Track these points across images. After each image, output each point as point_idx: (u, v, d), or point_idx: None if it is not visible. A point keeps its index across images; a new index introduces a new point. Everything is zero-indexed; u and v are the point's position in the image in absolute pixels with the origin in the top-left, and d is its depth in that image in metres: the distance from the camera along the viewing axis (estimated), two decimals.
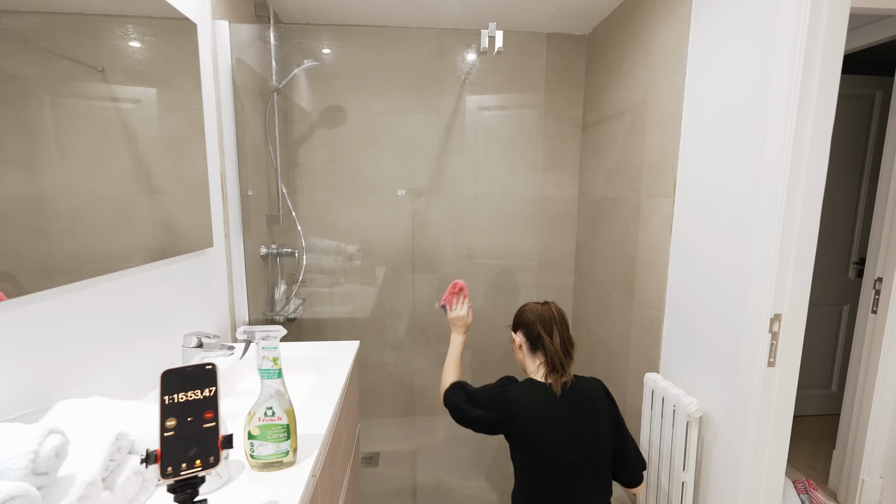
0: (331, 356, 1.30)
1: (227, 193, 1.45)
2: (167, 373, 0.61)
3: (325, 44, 2.19)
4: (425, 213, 2.32)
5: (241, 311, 1.55)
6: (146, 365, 1.03)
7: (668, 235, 1.58)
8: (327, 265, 2.23)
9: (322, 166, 2.24)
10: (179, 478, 0.57)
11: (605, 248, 2.11)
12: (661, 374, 1.61)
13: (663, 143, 1.61)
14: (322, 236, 2.24)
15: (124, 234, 0.95)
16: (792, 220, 1.12)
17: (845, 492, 1.87)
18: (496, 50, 1.63)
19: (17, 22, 0.70)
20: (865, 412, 1.77)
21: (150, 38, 1.03)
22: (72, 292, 0.82)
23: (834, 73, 1.07)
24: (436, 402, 2.49)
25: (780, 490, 1.28)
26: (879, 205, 1.77)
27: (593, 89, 2.25)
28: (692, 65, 1.45)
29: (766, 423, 1.22)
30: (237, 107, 1.52)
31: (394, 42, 2.20)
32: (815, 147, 1.09)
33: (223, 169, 1.42)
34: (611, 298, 2.06)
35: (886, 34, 1.72)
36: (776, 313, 1.16)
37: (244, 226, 1.58)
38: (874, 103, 2.31)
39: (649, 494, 1.58)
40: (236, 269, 1.52)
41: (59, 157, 0.78)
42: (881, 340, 1.70)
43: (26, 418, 0.68)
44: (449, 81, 2.22)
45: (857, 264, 2.39)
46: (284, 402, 0.77)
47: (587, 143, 2.34)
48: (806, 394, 2.47)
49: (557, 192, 2.45)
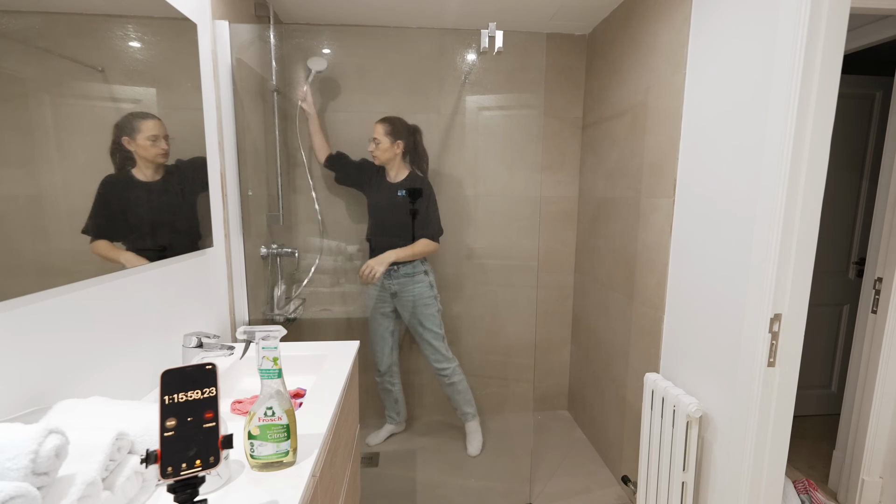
0: (331, 356, 1.30)
1: (227, 193, 1.45)
2: (167, 373, 0.61)
3: (325, 44, 2.19)
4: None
5: (241, 311, 1.55)
6: (146, 365, 1.03)
7: (668, 235, 1.58)
8: (327, 265, 2.23)
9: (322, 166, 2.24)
10: (179, 478, 0.57)
11: (605, 248, 2.11)
12: (661, 374, 1.61)
13: (663, 143, 1.61)
14: (322, 236, 2.24)
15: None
16: (792, 220, 1.12)
17: (845, 492, 1.87)
18: (496, 50, 1.63)
19: (17, 22, 0.70)
20: (865, 412, 1.77)
21: (150, 38, 1.03)
22: (72, 292, 0.82)
23: (834, 73, 1.07)
24: (436, 402, 2.50)
25: (780, 490, 1.28)
26: (879, 205, 1.77)
27: (593, 89, 2.25)
28: (692, 65, 1.45)
29: (766, 423, 1.22)
30: (237, 107, 1.52)
31: (394, 42, 2.20)
32: (815, 147, 1.09)
33: (223, 169, 1.42)
34: (611, 298, 2.06)
35: (886, 34, 1.72)
36: (776, 313, 1.16)
37: (244, 226, 1.58)
38: (874, 103, 2.31)
39: (649, 494, 1.58)
40: (236, 269, 1.52)
41: (58, 157, 0.78)
42: (881, 340, 1.70)
43: (26, 418, 0.68)
44: (449, 81, 2.22)
45: (857, 264, 2.39)
46: (284, 402, 0.77)
47: (587, 143, 2.34)
48: (806, 394, 2.47)
49: (557, 192, 2.45)
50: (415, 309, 2.04)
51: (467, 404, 2.19)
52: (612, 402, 2.08)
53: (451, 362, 2.11)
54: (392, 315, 2.12)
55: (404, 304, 2.05)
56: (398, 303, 2.07)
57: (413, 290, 2.02)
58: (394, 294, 2.06)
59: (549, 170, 2.43)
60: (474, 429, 2.22)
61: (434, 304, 2.05)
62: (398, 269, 2.00)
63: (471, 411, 2.20)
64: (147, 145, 1.01)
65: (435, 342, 2.08)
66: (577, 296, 2.50)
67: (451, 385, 2.14)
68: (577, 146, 2.42)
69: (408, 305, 2.05)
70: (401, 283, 2.02)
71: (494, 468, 2.12)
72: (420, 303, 2.03)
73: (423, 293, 2.03)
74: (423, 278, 2.03)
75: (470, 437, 2.22)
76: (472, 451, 2.20)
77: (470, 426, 2.22)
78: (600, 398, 2.21)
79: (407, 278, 2.01)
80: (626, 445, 1.93)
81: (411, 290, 2.03)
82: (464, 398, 2.17)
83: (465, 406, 2.19)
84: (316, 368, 1.30)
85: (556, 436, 2.41)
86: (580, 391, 2.48)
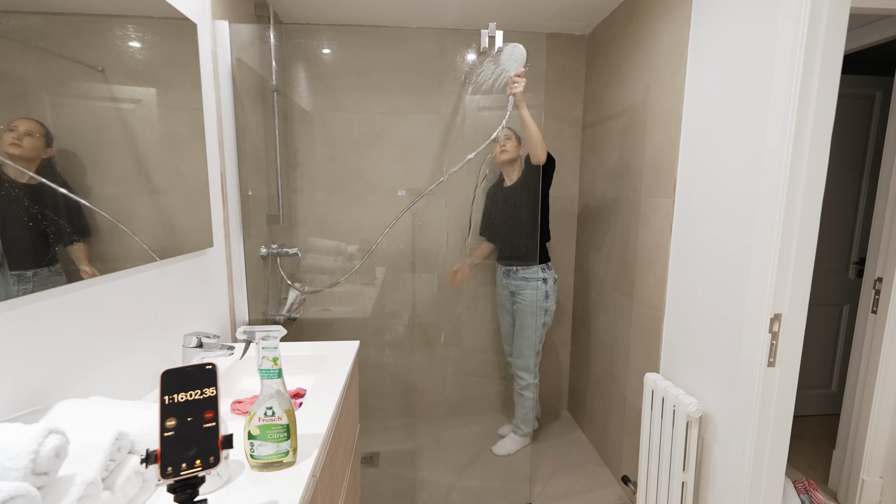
0: (331, 356, 1.30)
1: (227, 193, 1.45)
2: (167, 373, 0.61)
3: (325, 44, 2.19)
4: (425, 213, 2.32)
5: (241, 311, 1.55)
6: (146, 365, 1.03)
7: (668, 235, 1.58)
8: (327, 265, 2.23)
9: (322, 166, 2.24)
10: (179, 478, 0.57)
11: (605, 248, 2.11)
12: (661, 374, 1.61)
13: (663, 143, 1.61)
14: (322, 236, 2.24)
15: (124, 233, 0.95)
16: (792, 220, 1.12)
17: (845, 492, 1.87)
18: (496, 50, 1.63)
19: (17, 22, 0.70)
20: (865, 412, 1.77)
21: (151, 38, 1.03)
22: (72, 292, 0.82)
23: (834, 73, 1.07)
24: (436, 402, 2.49)
25: (780, 490, 1.28)
26: (879, 205, 1.77)
27: (593, 89, 2.25)
28: (692, 65, 1.45)
29: (766, 422, 1.22)
30: (237, 107, 1.52)
31: (394, 42, 2.20)
32: (815, 147, 1.09)
33: (223, 169, 1.42)
34: (611, 298, 2.06)
35: (886, 34, 1.72)
36: (776, 313, 1.16)
37: (244, 226, 1.58)
38: (874, 103, 2.31)
39: (649, 494, 1.58)
40: (236, 269, 1.52)
41: (58, 156, 0.78)
42: (881, 340, 1.70)
43: (26, 418, 0.68)
44: (449, 81, 2.22)
45: (857, 264, 2.39)
46: (284, 402, 0.77)
47: (587, 143, 2.34)
48: (806, 394, 2.46)
49: (557, 192, 2.45)
50: (524, 314, 2.05)
51: (524, 421, 2.18)
52: (612, 402, 2.08)
53: (531, 377, 2.10)
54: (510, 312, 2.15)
55: (519, 306, 2.07)
56: (515, 302, 2.09)
57: (526, 295, 2.03)
58: (512, 293, 2.09)
59: None
60: (513, 440, 2.20)
61: (543, 315, 2.04)
62: (517, 271, 2.03)
63: (524, 428, 2.19)
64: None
65: (527, 351, 2.07)
66: (577, 296, 2.50)
67: (521, 397, 2.14)
68: (577, 146, 2.42)
69: (518, 308, 2.06)
70: (517, 284, 2.05)
71: (494, 468, 2.12)
72: (529, 310, 2.02)
73: (535, 300, 2.01)
74: (540, 285, 2.01)
75: (504, 441, 2.21)
76: (497, 450, 2.20)
77: (512, 437, 2.21)
78: (600, 398, 2.21)
79: (524, 281, 2.02)
80: (626, 445, 1.93)
81: (525, 294, 2.03)
82: (525, 414, 2.16)
83: (521, 422, 2.19)
84: (316, 368, 1.30)
85: (556, 436, 2.41)
86: (580, 391, 2.48)
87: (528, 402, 2.14)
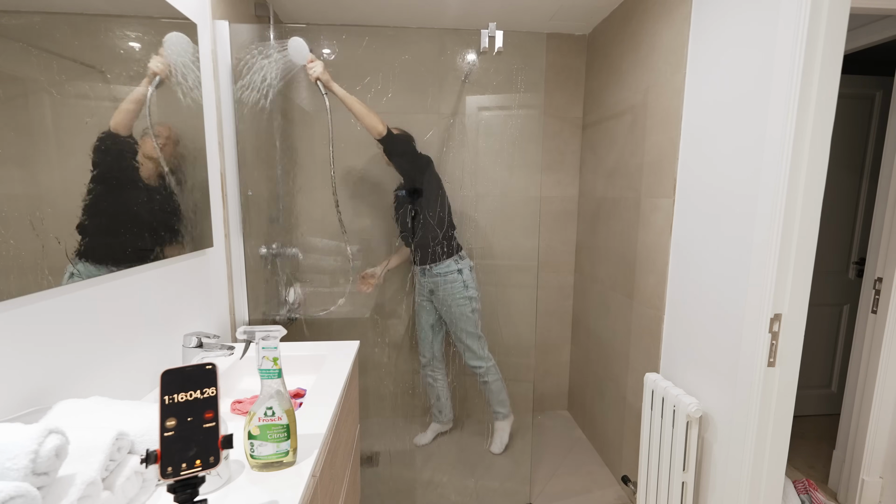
0: (331, 356, 1.30)
1: (227, 193, 1.45)
2: (167, 373, 0.61)
3: (325, 44, 2.19)
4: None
5: (241, 311, 1.55)
6: (146, 365, 1.03)
7: (668, 235, 1.58)
8: (327, 265, 2.23)
9: (322, 166, 2.24)
10: (179, 478, 0.57)
11: (605, 248, 2.11)
12: (661, 374, 1.61)
13: (663, 143, 1.61)
14: (322, 236, 2.24)
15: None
16: (792, 220, 1.12)
17: (845, 492, 1.87)
18: (496, 50, 1.63)
19: (17, 22, 0.70)
20: (865, 412, 1.77)
21: (151, 38, 1.03)
22: (72, 292, 0.82)
23: (834, 73, 1.07)
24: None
25: (780, 490, 1.28)
26: (879, 205, 1.76)
27: (593, 89, 2.25)
28: (692, 65, 1.45)
29: (766, 423, 1.22)
30: (237, 107, 1.52)
31: (394, 42, 2.20)
32: (815, 147, 1.09)
33: (223, 169, 1.42)
34: (611, 298, 2.06)
35: (886, 34, 1.72)
36: (776, 313, 1.16)
37: (244, 226, 1.58)
38: (874, 103, 2.31)
39: (649, 494, 1.58)
40: (236, 269, 1.52)
41: (58, 156, 0.78)
42: (881, 340, 1.70)
43: (26, 418, 0.68)
44: (449, 81, 2.22)
45: (857, 264, 2.39)
46: (284, 402, 0.77)
47: (587, 143, 2.34)
48: (806, 394, 2.46)
49: (557, 192, 2.45)
50: (450, 308, 2.06)
51: (499, 404, 2.19)
52: (612, 402, 2.08)
53: (484, 362, 2.12)
54: (434, 310, 2.15)
55: (440, 302, 2.08)
56: (435, 300, 2.10)
57: (446, 289, 2.04)
58: (431, 291, 2.09)
59: (549, 170, 2.43)
60: (500, 427, 2.22)
61: (468, 304, 2.05)
62: (431, 269, 2.03)
63: (501, 411, 2.20)
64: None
65: (468, 341, 2.09)
66: (577, 296, 2.50)
67: (485, 384, 2.15)
68: (577, 146, 2.42)
69: (443, 303, 2.07)
70: (435, 282, 2.05)
71: (494, 468, 2.12)
72: (453, 302, 2.04)
73: (455, 292, 2.03)
74: (456, 277, 2.03)
75: (495, 435, 2.23)
76: (494, 448, 2.20)
77: (497, 425, 2.23)
78: (600, 398, 2.21)
79: (440, 277, 2.03)
80: (626, 445, 1.93)
81: (444, 289, 2.05)
82: (496, 398, 2.18)
83: (497, 405, 2.19)
84: (316, 368, 1.30)
85: (556, 436, 2.42)
86: (580, 391, 2.48)
87: (494, 386, 2.15)
